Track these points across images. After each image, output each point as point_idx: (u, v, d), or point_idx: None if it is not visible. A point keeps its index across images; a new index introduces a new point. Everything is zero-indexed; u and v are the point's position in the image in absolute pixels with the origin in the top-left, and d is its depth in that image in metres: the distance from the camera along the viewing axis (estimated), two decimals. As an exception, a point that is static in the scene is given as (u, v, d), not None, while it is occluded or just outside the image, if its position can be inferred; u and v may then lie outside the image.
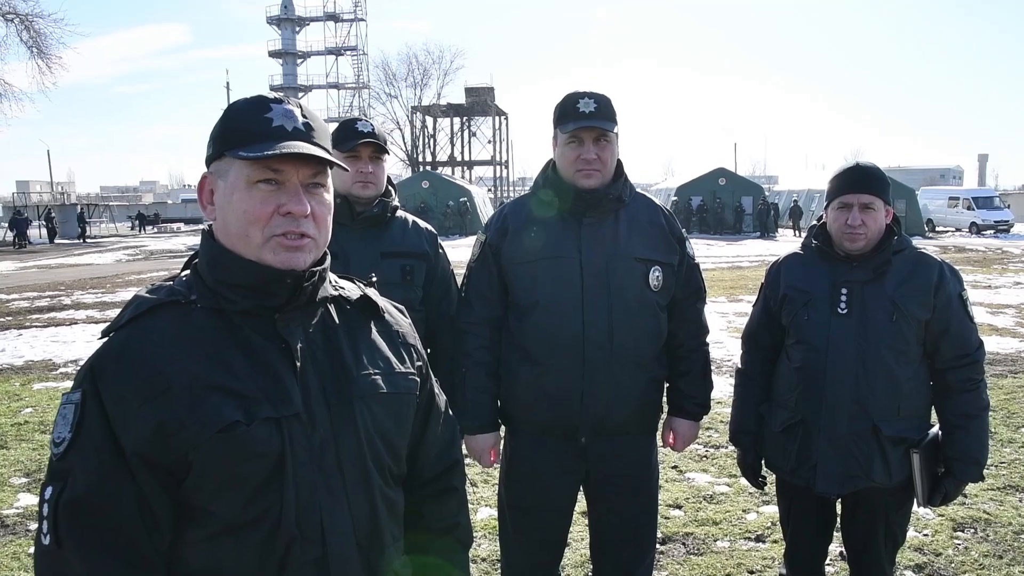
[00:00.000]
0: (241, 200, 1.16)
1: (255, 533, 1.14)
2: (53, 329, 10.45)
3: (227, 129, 1.19)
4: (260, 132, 1.16)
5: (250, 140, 1.15)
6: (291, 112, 1.19)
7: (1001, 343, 8.36)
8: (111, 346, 1.15)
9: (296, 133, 1.18)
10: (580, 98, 2.24)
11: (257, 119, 1.17)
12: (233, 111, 1.21)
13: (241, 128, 1.17)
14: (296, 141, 1.17)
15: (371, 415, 1.25)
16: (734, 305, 11.51)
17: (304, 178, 1.18)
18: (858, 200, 2.26)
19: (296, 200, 1.17)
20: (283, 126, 1.17)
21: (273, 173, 1.16)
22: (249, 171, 1.15)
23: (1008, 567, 3.41)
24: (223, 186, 1.18)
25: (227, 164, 1.18)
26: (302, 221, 1.17)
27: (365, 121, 2.56)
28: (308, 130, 1.20)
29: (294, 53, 56.62)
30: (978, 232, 31.19)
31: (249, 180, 1.16)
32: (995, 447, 4.88)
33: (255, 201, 1.16)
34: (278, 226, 1.16)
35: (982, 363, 2.33)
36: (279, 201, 1.16)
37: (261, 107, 1.19)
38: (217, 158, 1.19)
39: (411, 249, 2.58)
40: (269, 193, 1.16)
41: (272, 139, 1.15)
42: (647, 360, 2.33)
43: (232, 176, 1.17)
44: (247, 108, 1.20)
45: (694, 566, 3.48)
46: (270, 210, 1.16)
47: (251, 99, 1.22)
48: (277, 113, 1.18)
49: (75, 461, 1.10)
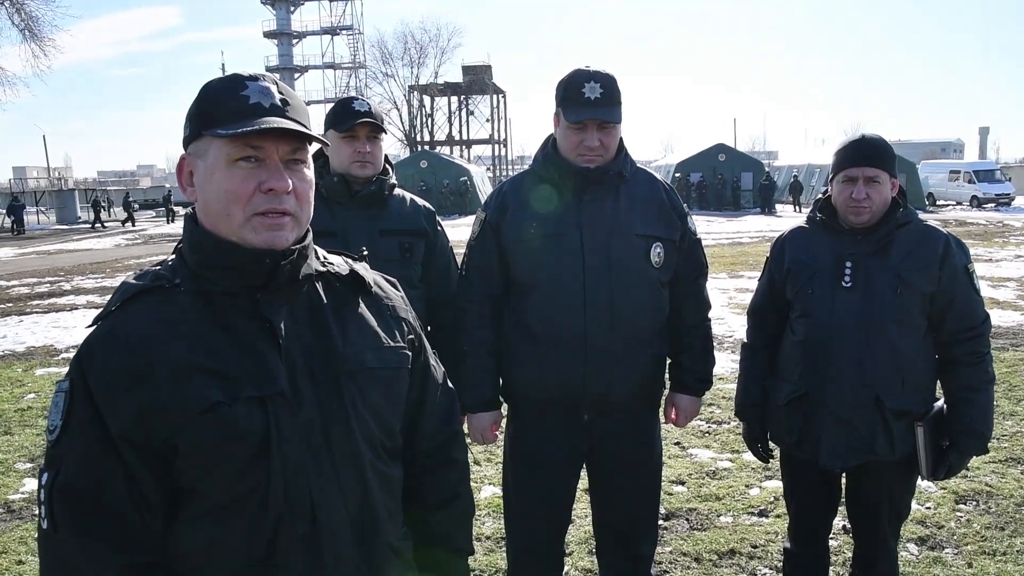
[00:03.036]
0: (222, 179, 1.15)
1: (244, 510, 1.15)
2: (54, 315, 10.46)
3: (203, 108, 1.17)
4: (237, 110, 1.14)
5: (228, 119, 1.14)
6: (267, 89, 1.18)
7: (1003, 316, 8.36)
8: (97, 334, 1.16)
9: (273, 109, 1.16)
10: (585, 81, 2.18)
11: (234, 97, 1.16)
12: (209, 90, 1.19)
13: (218, 106, 1.16)
14: (274, 117, 1.15)
15: (359, 391, 1.24)
16: (735, 281, 11.50)
17: (284, 154, 1.17)
18: (863, 173, 2.23)
19: (277, 176, 1.15)
20: (260, 103, 1.16)
21: (253, 150, 1.15)
22: (229, 149, 1.14)
23: (1010, 539, 3.42)
24: (202, 166, 1.17)
25: (205, 144, 1.16)
26: (284, 197, 1.16)
27: (362, 100, 2.53)
28: (284, 106, 1.18)
29: (289, 33, 56.24)
30: (979, 205, 31.09)
31: (229, 158, 1.14)
32: (997, 420, 4.89)
33: (236, 179, 1.15)
34: (260, 204, 1.15)
35: (988, 336, 2.31)
36: (260, 178, 1.15)
37: (237, 85, 1.17)
38: (195, 138, 1.18)
39: (409, 226, 2.56)
40: (250, 171, 1.15)
41: (250, 116, 1.14)
42: (649, 336, 2.31)
43: (211, 156, 1.15)
44: (223, 86, 1.18)
45: (698, 541, 3.49)
46: (251, 188, 1.15)
47: (226, 77, 1.20)
48: (253, 90, 1.17)
49: (67, 447, 1.12)
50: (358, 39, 55.32)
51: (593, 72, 2.21)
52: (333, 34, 56.08)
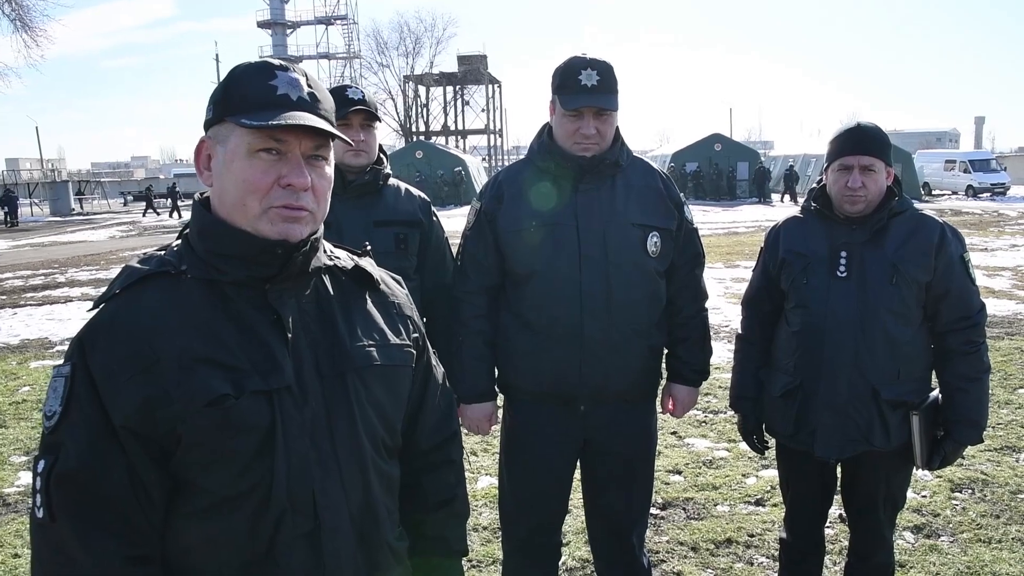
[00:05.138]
0: (241, 168, 1.13)
1: (246, 506, 1.13)
2: (48, 307, 10.42)
3: (230, 94, 1.15)
4: (264, 100, 1.13)
5: (253, 107, 1.12)
6: (296, 81, 1.16)
7: (998, 305, 8.38)
8: (100, 318, 1.14)
9: (301, 103, 1.14)
10: (582, 68, 2.16)
11: (262, 86, 1.14)
12: (237, 75, 1.16)
13: (245, 94, 1.13)
14: (301, 112, 1.13)
15: (364, 387, 1.23)
16: (731, 271, 11.50)
17: (306, 150, 1.15)
18: (858, 162, 2.21)
19: (298, 172, 1.14)
20: (288, 95, 1.14)
21: (275, 143, 1.13)
22: (251, 139, 1.12)
23: (1005, 526, 3.44)
24: (222, 152, 1.15)
25: (228, 130, 1.14)
26: (302, 194, 1.15)
27: (355, 88, 2.50)
28: (313, 100, 1.16)
29: (283, 23, 55.83)
30: (974, 195, 31.12)
31: (250, 148, 1.13)
32: (992, 408, 4.88)
33: (256, 170, 1.13)
34: (277, 198, 1.14)
35: (983, 326, 2.31)
36: (280, 172, 1.13)
37: (266, 73, 1.15)
38: (217, 122, 1.16)
39: (404, 217, 2.54)
40: (270, 163, 1.13)
41: (277, 108, 1.12)
42: (646, 327, 2.31)
43: (232, 143, 1.14)
44: (252, 73, 1.16)
45: (694, 530, 3.50)
46: (270, 180, 1.13)
47: (256, 64, 1.18)
48: (282, 81, 1.15)
49: (66, 434, 1.09)
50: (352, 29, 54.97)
51: (590, 59, 2.19)
52: (327, 24, 55.67)
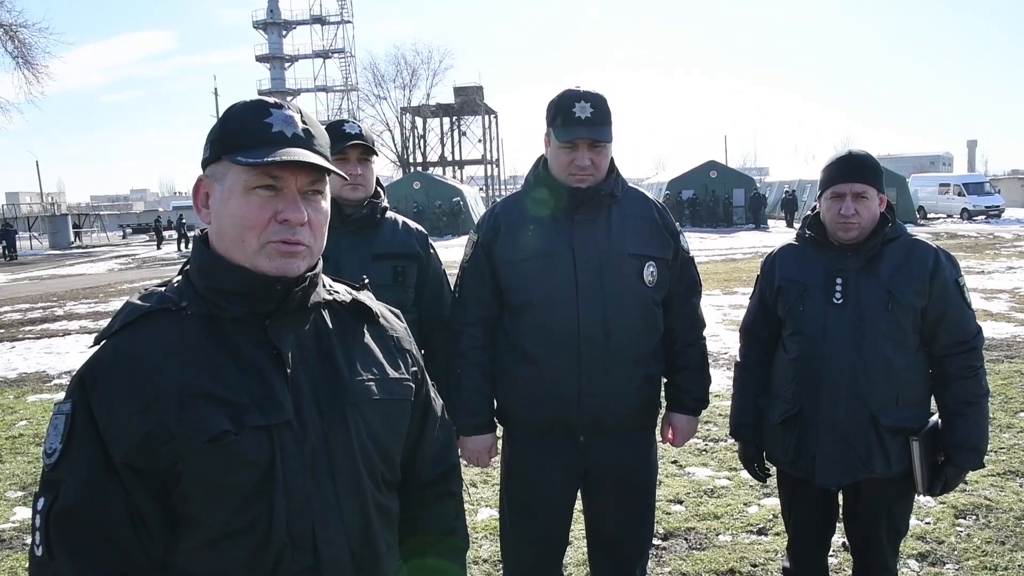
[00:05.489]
0: (238, 205, 1.15)
1: (245, 541, 1.13)
2: (46, 340, 10.39)
3: (226, 132, 1.17)
4: (260, 137, 1.14)
5: (249, 145, 1.14)
6: (291, 118, 1.18)
7: (996, 328, 8.38)
8: (101, 355, 1.14)
9: (296, 139, 1.16)
10: (576, 101, 2.19)
11: (257, 124, 1.16)
12: (232, 114, 1.19)
13: (240, 132, 1.15)
14: (296, 148, 1.15)
15: (364, 422, 1.23)
16: (729, 298, 11.51)
17: (302, 185, 1.17)
18: (851, 189, 2.24)
19: (294, 208, 1.15)
20: (283, 132, 1.16)
21: (271, 180, 1.14)
22: (247, 177, 1.14)
23: (1011, 553, 3.40)
24: (219, 190, 1.17)
25: (224, 168, 1.16)
26: (298, 229, 1.16)
27: (352, 123, 2.53)
28: (308, 137, 1.18)
29: (281, 57, 56.50)
30: (969, 218, 31.31)
31: (247, 186, 1.14)
32: (994, 433, 4.88)
33: (252, 207, 1.14)
34: (274, 233, 1.15)
35: (980, 350, 2.31)
36: (276, 208, 1.15)
37: (261, 111, 1.17)
38: (214, 161, 1.18)
39: (402, 250, 2.55)
40: (267, 199, 1.15)
41: (272, 145, 1.14)
42: (644, 356, 2.31)
43: (229, 181, 1.15)
44: (246, 112, 1.18)
45: (697, 561, 3.47)
46: (267, 216, 1.15)
47: (251, 102, 1.20)
48: (277, 118, 1.17)
49: (66, 472, 1.09)
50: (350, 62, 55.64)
51: (584, 92, 2.22)
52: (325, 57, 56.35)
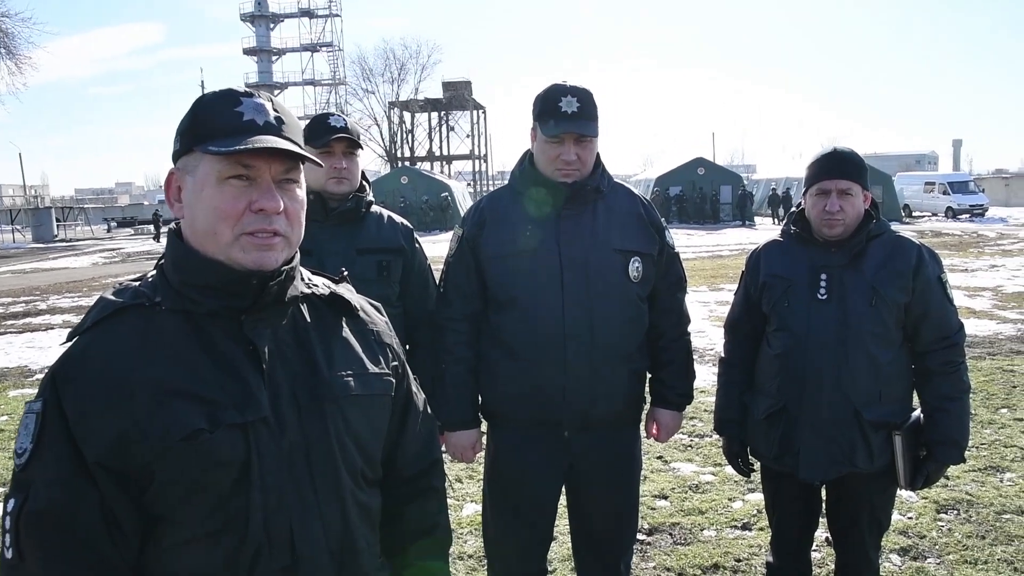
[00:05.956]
0: (211, 196, 1.12)
1: (222, 541, 1.11)
2: (29, 335, 10.29)
3: (196, 123, 1.14)
4: (230, 126, 1.12)
5: (220, 134, 1.11)
6: (262, 106, 1.15)
7: (979, 325, 8.46)
8: (73, 352, 1.12)
9: (267, 127, 1.14)
10: (562, 95, 2.19)
11: (227, 113, 1.13)
12: (202, 104, 1.16)
13: (210, 122, 1.13)
14: (268, 136, 1.13)
15: (343, 417, 1.21)
16: (716, 294, 11.56)
17: (276, 174, 1.15)
18: (836, 186, 2.25)
19: (268, 196, 1.13)
20: (254, 120, 1.13)
21: (244, 169, 1.12)
22: (220, 167, 1.11)
23: (991, 547, 3.44)
24: (191, 182, 1.14)
25: (196, 159, 1.13)
26: (274, 218, 1.14)
27: (338, 116, 2.51)
28: (279, 124, 1.16)
29: (269, 50, 56.15)
30: (954, 216, 31.59)
31: (220, 176, 1.11)
32: (975, 428, 4.93)
33: (226, 197, 1.12)
34: (249, 223, 1.12)
35: (962, 346, 2.34)
36: (251, 197, 1.12)
37: (231, 100, 1.15)
38: (185, 153, 1.15)
39: (387, 244, 2.54)
40: (240, 189, 1.12)
41: (243, 134, 1.11)
42: (629, 352, 2.31)
43: (201, 172, 1.13)
44: (217, 101, 1.15)
45: (681, 556, 3.48)
46: (241, 207, 1.12)
47: (220, 92, 1.17)
48: (248, 107, 1.14)
49: (36, 472, 1.07)
50: (338, 56, 55.37)
51: (570, 87, 2.22)
52: (313, 51, 56.07)
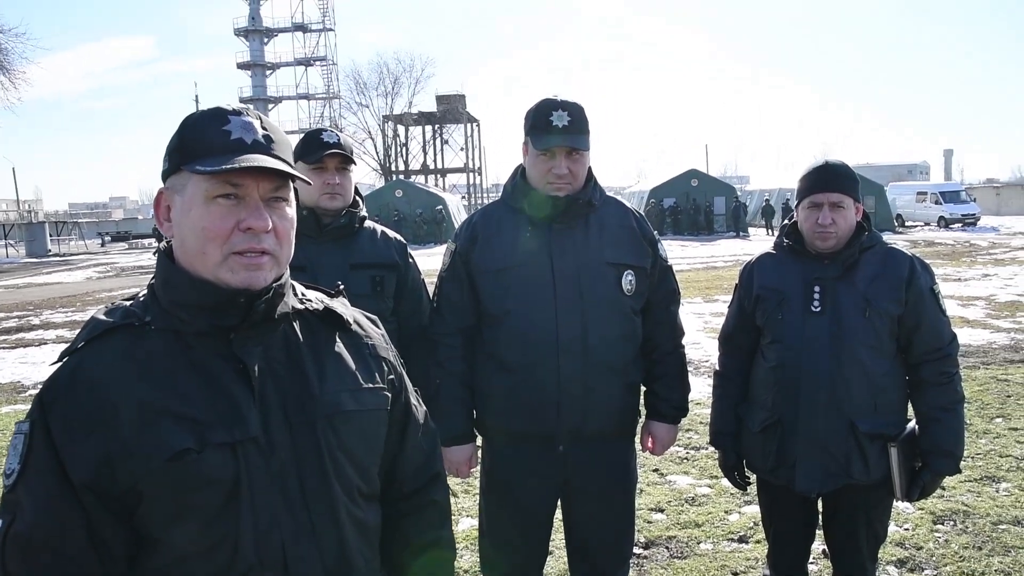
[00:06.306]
0: (199, 216, 1.12)
1: (212, 561, 1.10)
2: (22, 350, 10.22)
3: (184, 142, 1.14)
4: (218, 145, 1.12)
5: (208, 153, 1.11)
6: (250, 124, 1.15)
7: (972, 335, 8.47)
8: (61, 373, 1.12)
9: (256, 146, 1.14)
10: (553, 109, 2.20)
11: (215, 131, 1.13)
12: (190, 123, 1.16)
13: (198, 141, 1.13)
14: (256, 154, 1.13)
15: (335, 435, 1.20)
16: (710, 305, 11.56)
17: (265, 192, 1.14)
18: (828, 199, 2.26)
19: (257, 215, 1.12)
20: (242, 139, 1.13)
21: (232, 188, 1.12)
22: (207, 186, 1.11)
23: (987, 558, 3.43)
24: (180, 202, 1.14)
25: (184, 179, 1.13)
26: (263, 237, 1.13)
27: (331, 131, 2.51)
28: (268, 142, 1.15)
29: (263, 64, 56.36)
30: (946, 226, 31.76)
31: (207, 195, 1.11)
32: (970, 438, 4.93)
33: (214, 217, 1.11)
34: (238, 243, 1.12)
35: (956, 356, 2.34)
36: (239, 216, 1.12)
37: (219, 119, 1.15)
38: (174, 172, 1.15)
39: (380, 259, 2.54)
40: (229, 208, 1.12)
41: (231, 152, 1.11)
42: (623, 365, 2.31)
43: (189, 191, 1.12)
44: (204, 120, 1.15)
45: (678, 570, 3.46)
46: (230, 226, 1.12)
47: (208, 111, 1.17)
48: (236, 125, 1.14)
49: (23, 493, 1.06)
50: (332, 70, 55.63)
51: (561, 101, 2.23)
52: (307, 65, 56.34)
